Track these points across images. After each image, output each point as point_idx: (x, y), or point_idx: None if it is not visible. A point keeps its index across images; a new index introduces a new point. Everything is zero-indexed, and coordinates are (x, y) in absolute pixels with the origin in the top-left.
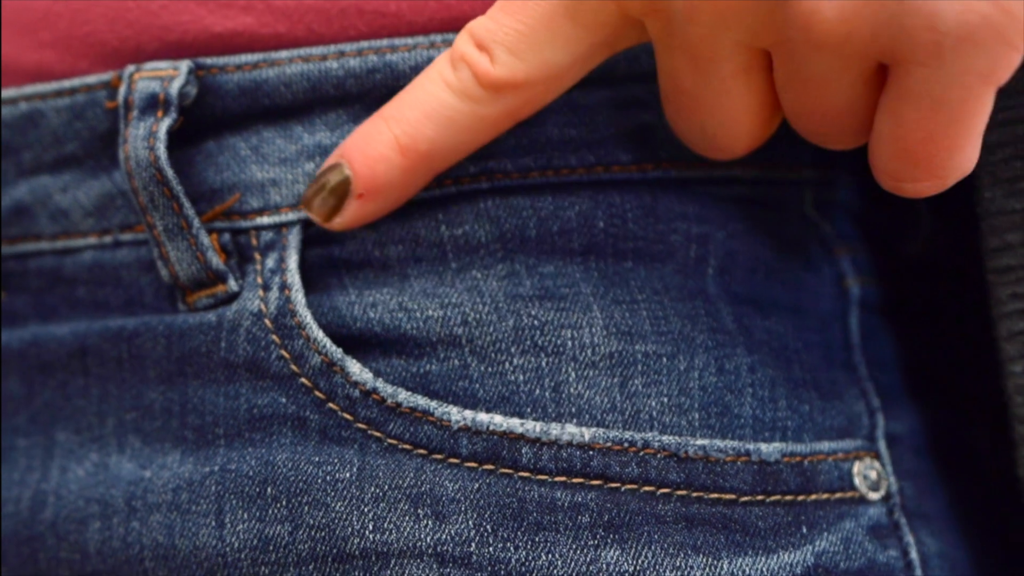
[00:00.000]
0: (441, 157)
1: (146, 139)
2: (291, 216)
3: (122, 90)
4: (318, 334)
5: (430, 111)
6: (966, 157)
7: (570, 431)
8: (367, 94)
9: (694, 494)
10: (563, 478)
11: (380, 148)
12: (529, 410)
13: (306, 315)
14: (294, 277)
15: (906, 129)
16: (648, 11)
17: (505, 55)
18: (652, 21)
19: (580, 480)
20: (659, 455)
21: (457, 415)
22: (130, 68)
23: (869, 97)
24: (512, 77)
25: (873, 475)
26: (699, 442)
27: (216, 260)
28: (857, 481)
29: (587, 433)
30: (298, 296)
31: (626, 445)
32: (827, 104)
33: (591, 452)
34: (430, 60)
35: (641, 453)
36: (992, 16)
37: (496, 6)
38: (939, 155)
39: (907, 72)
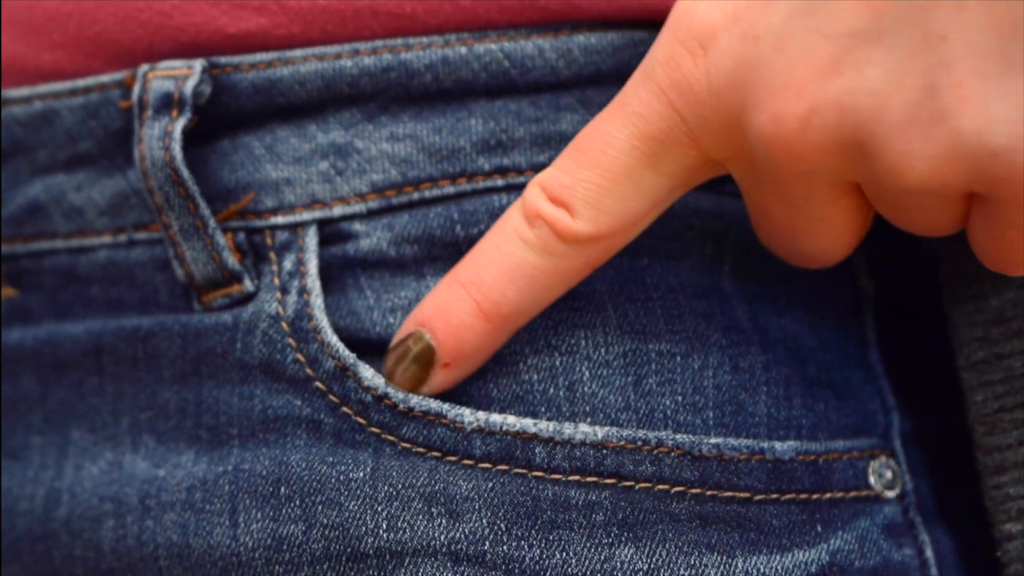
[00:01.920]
0: (524, 315)
1: (161, 139)
2: (306, 216)
3: (136, 89)
4: (332, 339)
5: (509, 271)
6: None
7: (584, 430)
8: (381, 93)
9: (708, 492)
10: (577, 477)
11: (462, 315)
12: (543, 409)
13: (323, 319)
14: (314, 282)
15: (1003, 241)
16: (731, 157)
17: (586, 209)
18: (736, 164)
19: (594, 479)
20: (673, 453)
21: (470, 416)
22: (144, 67)
23: (963, 207)
24: (596, 231)
25: (888, 474)
26: (713, 440)
27: (232, 260)
28: (872, 479)
29: (601, 432)
30: (317, 301)
31: (640, 444)
32: (923, 221)
33: (605, 451)
34: (444, 59)
35: (655, 452)
36: None
37: (567, 157)
38: None
39: (1000, 203)
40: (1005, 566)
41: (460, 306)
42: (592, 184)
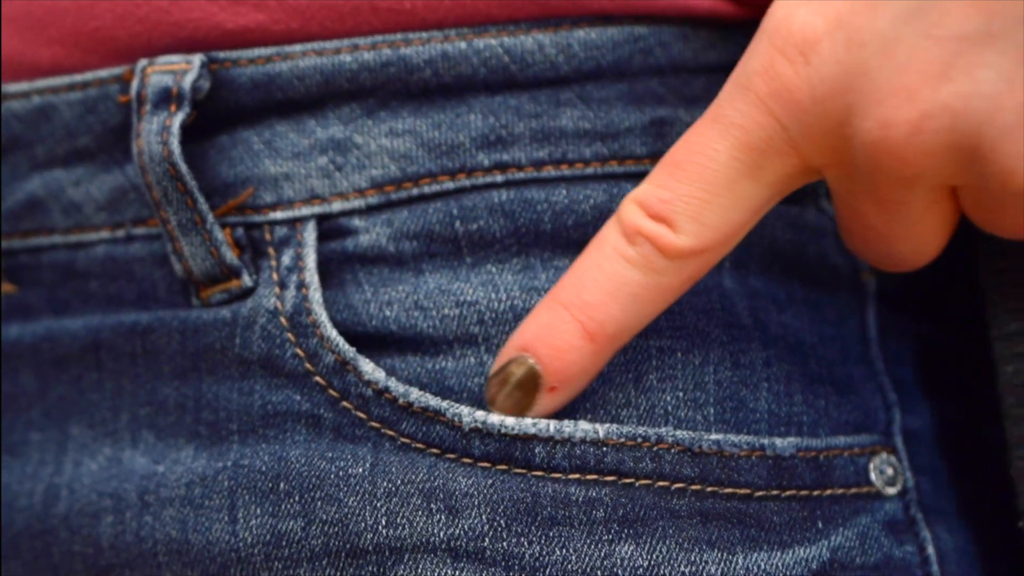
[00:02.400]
0: (627, 334)
1: (159, 134)
2: (304, 211)
3: (135, 84)
4: (332, 333)
5: (612, 290)
6: None
7: (583, 428)
8: (380, 88)
9: (708, 489)
10: (577, 475)
11: (567, 338)
12: None
13: (321, 314)
14: (313, 277)
15: None
16: (831, 163)
17: (688, 224)
18: (833, 169)
19: (594, 476)
20: (673, 450)
21: (468, 416)
22: (143, 62)
23: None
24: (699, 245)
25: (889, 470)
26: (713, 437)
27: (230, 255)
28: (873, 476)
29: (601, 430)
30: (315, 295)
31: (640, 441)
32: (1017, 224)
33: (605, 448)
34: (444, 54)
35: (655, 448)
36: None
37: (663, 172)
38: None
39: None
40: None
41: (564, 328)
42: (693, 198)
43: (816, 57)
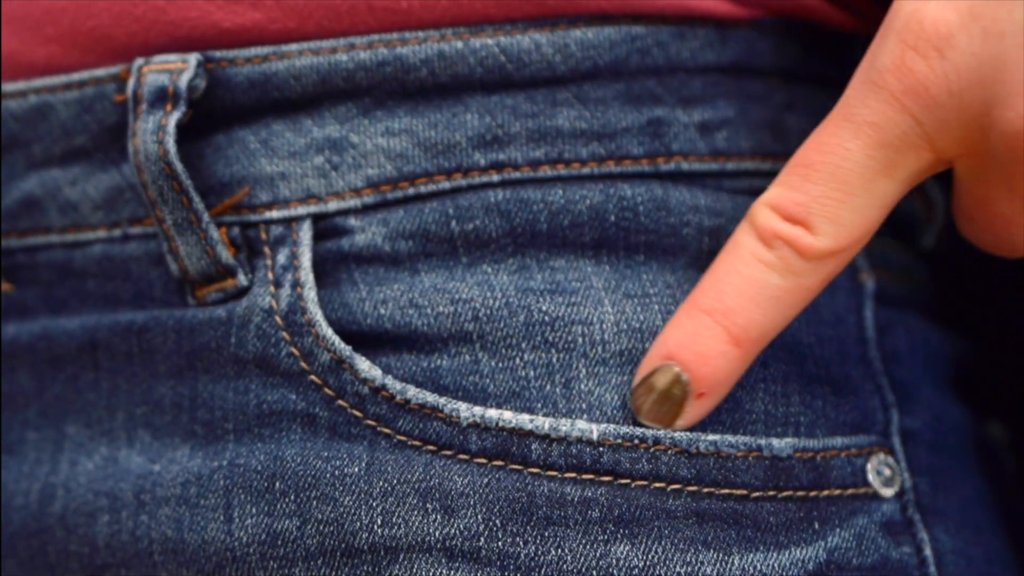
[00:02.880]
0: (768, 337)
1: (155, 133)
2: (300, 210)
3: (131, 83)
4: (327, 331)
5: (754, 295)
6: None
7: (580, 427)
8: (377, 87)
9: (705, 490)
10: (573, 474)
11: (714, 344)
12: (540, 406)
13: (316, 312)
14: (308, 275)
15: None
16: (965, 154)
17: (826, 225)
18: (966, 160)
19: (590, 476)
20: (670, 451)
21: (466, 411)
22: (139, 61)
23: None
24: (836, 245)
25: (887, 471)
26: (710, 437)
27: (225, 254)
28: (870, 477)
29: (597, 429)
30: (310, 294)
31: (636, 441)
32: None
33: (601, 448)
34: (440, 53)
35: (652, 449)
36: None
37: (794, 174)
38: None
39: None
40: None
41: (709, 334)
42: (829, 199)
43: (952, 51)
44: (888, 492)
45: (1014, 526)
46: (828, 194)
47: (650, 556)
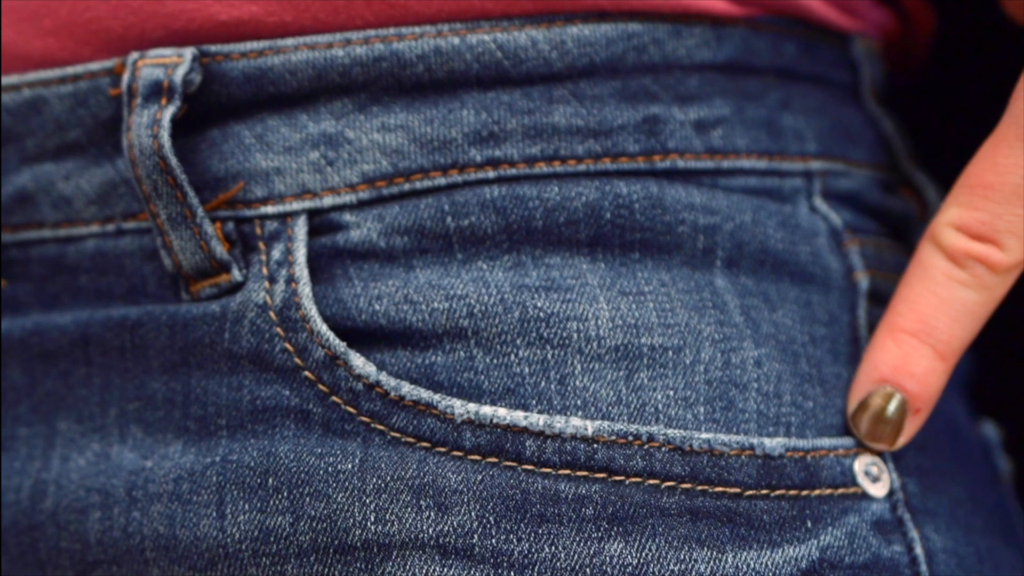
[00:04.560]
0: (966, 346)
1: (150, 127)
2: (295, 206)
3: (125, 77)
4: (322, 327)
5: (953, 312)
6: None
7: (575, 424)
8: (373, 83)
9: (699, 487)
10: (567, 471)
11: (925, 363)
12: (534, 402)
13: (311, 308)
14: (302, 271)
15: None
16: None
17: (1011, 240)
18: None
19: (584, 473)
20: (664, 448)
21: (460, 408)
22: (134, 55)
23: None
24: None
25: (875, 471)
26: (704, 435)
27: (220, 249)
28: (859, 478)
29: (591, 426)
30: (305, 290)
31: (631, 438)
32: None
33: (595, 445)
34: (437, 49)
35: (646, 446)
36: None
37: (974, 195)
38: None
39: None
40: None
41: (920, 355)
42: (1013, 215)
43: None
44: (877, 492)
45: (1006, 525)
46: (1013, 211)
47: (644, 554)
